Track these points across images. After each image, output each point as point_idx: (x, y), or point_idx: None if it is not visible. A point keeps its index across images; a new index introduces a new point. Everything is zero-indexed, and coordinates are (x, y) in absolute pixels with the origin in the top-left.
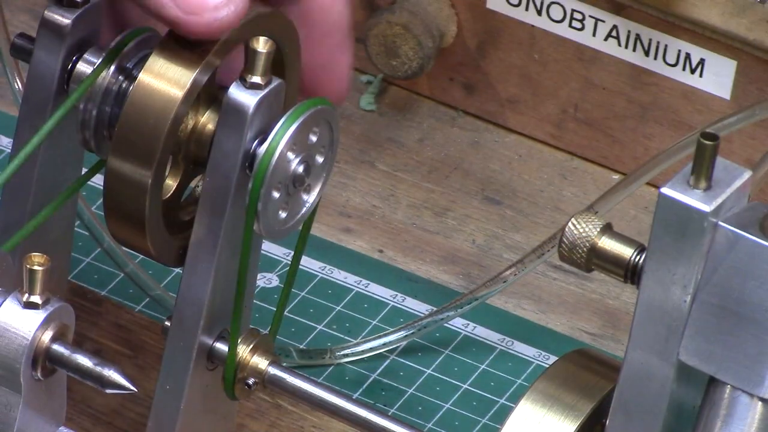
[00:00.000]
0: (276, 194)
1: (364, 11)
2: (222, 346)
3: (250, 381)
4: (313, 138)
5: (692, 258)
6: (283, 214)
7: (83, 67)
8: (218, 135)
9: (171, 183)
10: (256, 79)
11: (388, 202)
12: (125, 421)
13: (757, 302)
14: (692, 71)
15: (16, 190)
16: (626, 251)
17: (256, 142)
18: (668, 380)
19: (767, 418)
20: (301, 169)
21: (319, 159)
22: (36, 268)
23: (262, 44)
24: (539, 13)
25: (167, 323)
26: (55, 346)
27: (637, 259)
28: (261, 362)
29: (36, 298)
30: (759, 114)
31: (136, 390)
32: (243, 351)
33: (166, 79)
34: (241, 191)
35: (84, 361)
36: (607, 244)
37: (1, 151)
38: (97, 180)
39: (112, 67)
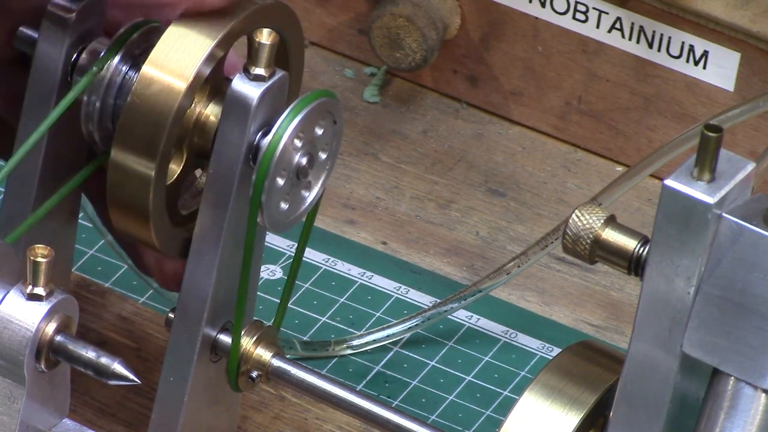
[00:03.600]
0: (280, 186)
1: (368, 3)
2: (226, 338)
3: (254, 373)
4: (317, 130)
5: (696, 250)
6: (286, 206)
7: (87, 59)
8: (222, 127)
9: (175, 168)
10: (260, 71)
11: (392, 194)
12: (129, 413)
13: (760, 294)
14: (696, 63)
15: (19, 181)
16: (630, 243)
17: (259, 134)
18: (672, 372)
19: None
20: (304, 160)
21: (323, 151)
22: (39, 259)
23: (265, 36)
24: (543, 5)
25: (171, 315)
26: (59, 338)
27: (640, 251)
28: (264, 354)
29: (39, 290)
30: (763, 106)
31: (139, 382)
32: (246, 343)
33: (169, 70)
34: (244, 183)
35: (88, 352)
36: (611, 236)
37: None
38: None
39: (116, 59)
